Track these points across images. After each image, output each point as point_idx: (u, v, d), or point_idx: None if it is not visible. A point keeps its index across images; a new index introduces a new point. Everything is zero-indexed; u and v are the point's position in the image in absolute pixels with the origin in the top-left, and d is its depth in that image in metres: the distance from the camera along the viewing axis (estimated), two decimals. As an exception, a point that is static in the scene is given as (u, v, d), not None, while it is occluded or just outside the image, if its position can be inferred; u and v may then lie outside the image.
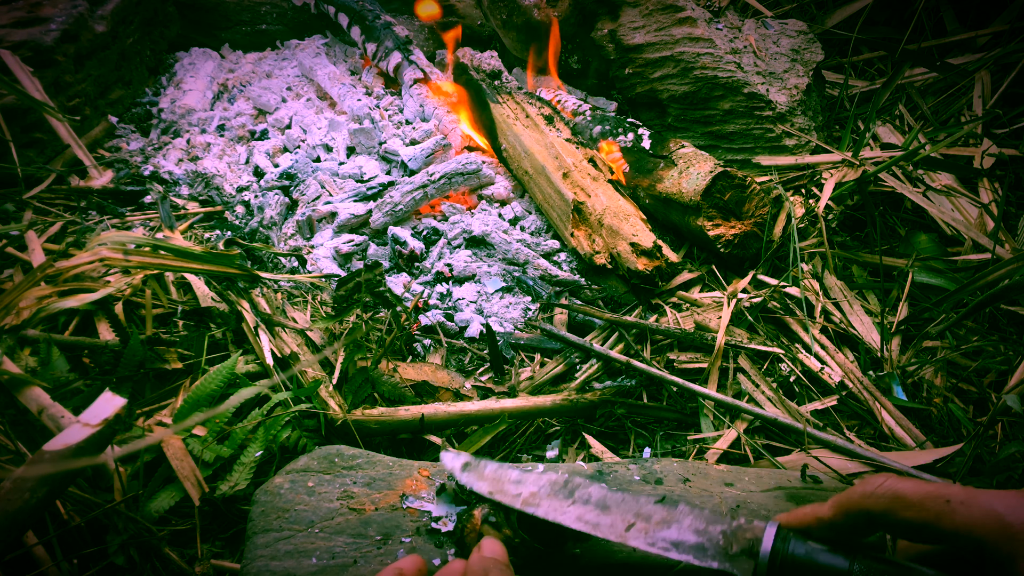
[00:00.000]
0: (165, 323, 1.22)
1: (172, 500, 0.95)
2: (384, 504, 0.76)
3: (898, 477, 0.57)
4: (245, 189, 1.72)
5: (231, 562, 0.93)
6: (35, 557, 0.85)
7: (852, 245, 1.58)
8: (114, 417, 0.79)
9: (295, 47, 2.32)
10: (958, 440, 1.13)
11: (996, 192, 1.68)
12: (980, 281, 1.36)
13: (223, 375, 1.08)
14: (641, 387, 1.23)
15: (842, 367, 1.26)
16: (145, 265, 1.23)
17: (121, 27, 1.96)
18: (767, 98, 1.77)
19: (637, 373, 1.23)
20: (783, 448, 1.12)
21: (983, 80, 2.00)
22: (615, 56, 1.96)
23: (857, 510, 0.58)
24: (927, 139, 1.88)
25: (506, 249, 1.53)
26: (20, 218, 1.48)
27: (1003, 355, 1.29)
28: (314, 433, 1.06)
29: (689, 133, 1.88)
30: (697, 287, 1.48)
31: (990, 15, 2.21)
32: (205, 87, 2.10)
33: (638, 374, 1.23)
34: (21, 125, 1.60)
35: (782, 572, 0.59)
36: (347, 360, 1.16)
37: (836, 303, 1.41)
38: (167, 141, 1.88)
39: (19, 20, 1.72)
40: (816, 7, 2.35)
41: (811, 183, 1.68)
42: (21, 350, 1.07)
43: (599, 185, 1.57)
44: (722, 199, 1.47)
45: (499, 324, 1.39)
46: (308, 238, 1.60)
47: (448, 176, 1.64)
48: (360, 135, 1.83)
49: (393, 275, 1.50)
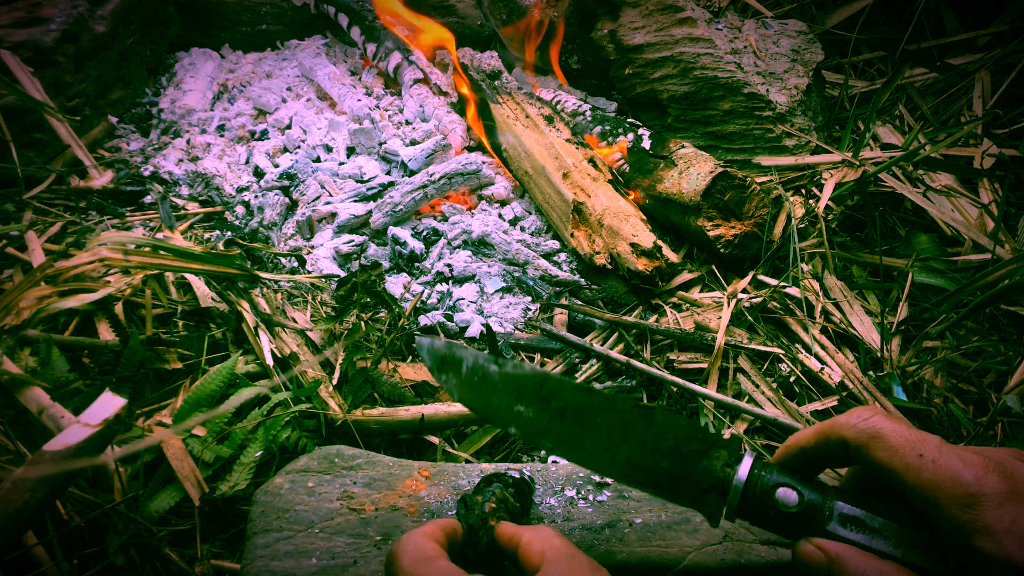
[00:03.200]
0: (165, 323, 1.22)
1: (172, 500, 0.95)
2: (384, 504, 0.76)
3: (886, 415, 0.56)
4: (245, 189, 1.72)
5: (231, 562, 0.93)
6: (35, 557, 0.85)
7: (852, 245, 1.58)
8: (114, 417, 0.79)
9: (295, 47, 2.32)
10: (958, 440, 1.13)
11: (996, 192, 1.68)
12: (980, 281, 1.36)
13: (223, 375, 1.08)
14: (641, 387, 1.23)
15: (842, 367, 1.26)
16: (145, 265, 1.23)
17: (121, 27, 1.96)
18: (767, 98, 1.77)
19: (637, 373, 1.23)
20: (783, 448, 1.12)
21: (983, 80, 2.00)
22: (615, 56, 1.96)
23: (837, 438, 0.57)
24: (927, 139, 1.88)
25: (506, 249, 1.53)
26: (20, 218, 1.48)
27: (1003, 355, 1.29)
28: (314, 433, 1.06)
29: (689, 133, 1.88)
30: (697, 287, 1.48)
31: (990, 15, 2.21)
32: (205, 87, 2.10)
33: (638, 374, 1.23)
34: (21, 125, 1.60)
35: (754, 505, 0.58)
36: (347, 360, 1.16)
37: (836, 303, 1.41)
38: (167, 141, 1.88)
39: (19, 20, 1.72)
40: (816, 7, 2.35)
41: (811, 183, 1.68)
42: (21, 350, 1.07)
43: (599, 185, 1.57)
44: (722, 199, 1.47)
45: (499, 324, 1.39)
46: (308, 238, 1.60)
47: (448, 176, 1.64)
48: (360, 135, 1.83)
49: (393, 275, 1.50)
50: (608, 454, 0.61)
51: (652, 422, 0.60)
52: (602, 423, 0.61)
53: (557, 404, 0.61)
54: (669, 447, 0.59)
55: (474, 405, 0.63)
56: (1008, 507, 0.48)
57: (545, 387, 0.62)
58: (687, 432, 0.60)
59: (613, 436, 0.60)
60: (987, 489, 0.49)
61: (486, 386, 0.63)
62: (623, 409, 0.60)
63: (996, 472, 0.50)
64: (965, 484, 0.49)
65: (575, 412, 0.61)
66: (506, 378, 0.63)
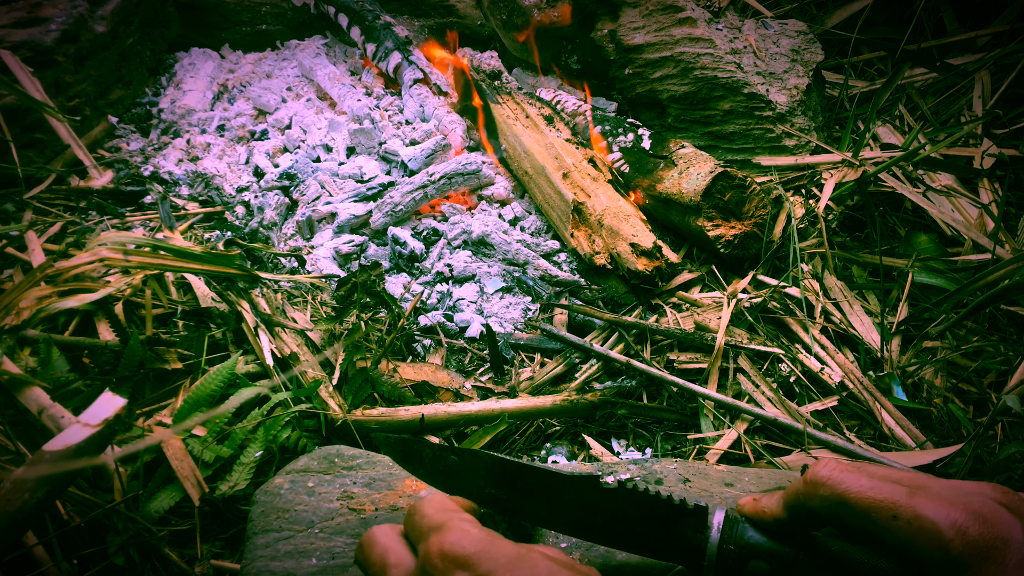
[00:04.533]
0: (165, 323, 1.22)
1: (172, 500, 0.95)
2: (384, 504, 0.76)
3: (846, 469, 0.54)
4: (245, 189, 1.72)
5: (231, 562, 0.93)
6: (35, 557, 0.85)
7: (852, 245, 1.58)
8: (114, 417, 0.79)
9: (295, 47, 2.32)
10: (958, 440, 1.13)
11: (996, 192, 1.68)
12: (980, 281, 1.36)
13: (223, 375, 1.08)
14: (641, 387, 1.23)
15: (842, 367, 1.26)
16: (145, 265, 1.23)
17: (121, 27, 1.96)
18: (767, 98, 1.77)
19: (637, 373, 1.23)
20: (783, 448, 1.12)
21: (983, 80, 2.00)
22: (615, 56, 1.96)
23: (805, 511, 0.56)
24: (927, 139, 1.88)
25: (506, 249, 1.53)
26: (20, 218, 1.48)
27: (1003, 355, 1.29)
28: (314, 433, 1.06)
29: (689, 133, 1.88)
30: (697, 287, 1.48)
31: (990, 15, 2.21)
32: (205, 87, 2.10)
33: (638, 374, 1.23)
34: (21, 125, 1.60)
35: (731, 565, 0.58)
36: (347, 360, 1.16)
37: (836, 303, 1.41)
38: (167, 141, 1.88)
39: (19, 20, 1.72)
40: (816, 7, 2.35)
41: (811, 183, 1.68)
42: (21, 350, 1.07)
43: (599, 185, 1.57)
44: (722, 199, 1.47)
45: (499, 324, 1.39)
46: (308, 238, 1.60)
47: (448, 176, 1.64)
48: (360, 135, 1.83)
49: (393, 275, 1.50)
50: (583, 527, 0.63)
51: (616, 497, 0.62)
52: (570, 500, 0.63)
53: (522, 485, 0.64)
54: (639, 518, 0.61)
55: (448, 489, 0.66)
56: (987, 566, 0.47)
57: (506, 472, 0.64)
58: (651, 503, 0.61)
59: (585, 511, 0.63)
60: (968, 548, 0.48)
61: (452, 474, 0.65)
62: (585, 488, 0.63)
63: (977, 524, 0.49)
64: (946, 545, 0.48)
65: (541, 492, 0.64)
66: (467, 465, 0.65)
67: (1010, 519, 0.49)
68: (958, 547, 0.48)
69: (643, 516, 0.61)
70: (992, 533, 0.48)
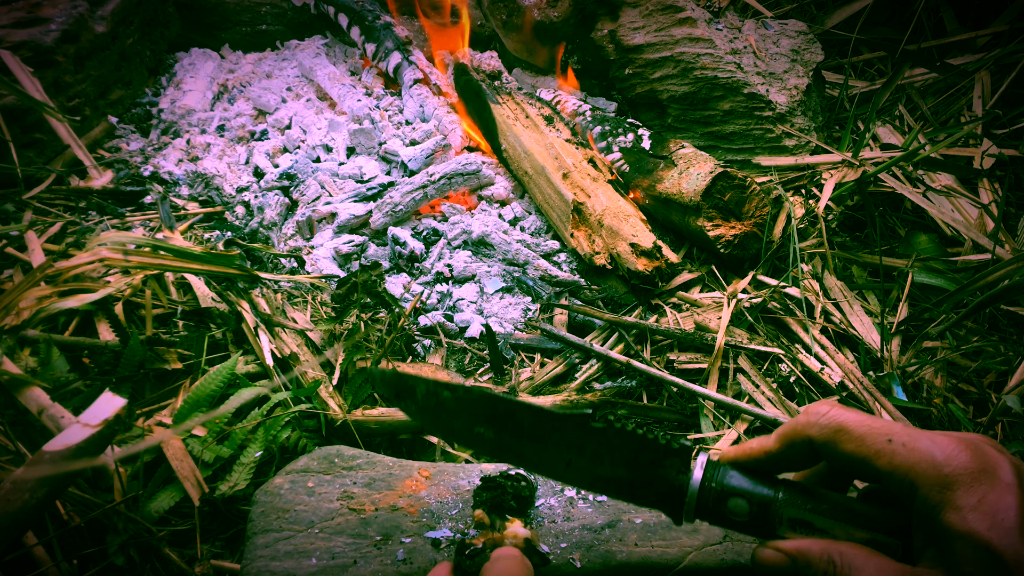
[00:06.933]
0: (165, 323, 1.22)
1: (172, 500, 0.95)
2: (384, 504, 0.76)
3: (844, 407, 0.57)
4: (245, 189, 1.72)
5: (231, 562, 0.93)
6: (35, 557, 0.85)
7: (852, 245, 1.58)
8: (114, 418, 0.79)
9: (295, 47, 2.32)
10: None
11: (996, 192, 1.68)
12: (980, 281, 1.36)
13: (223, 375, 1.08)
14: (641, 387, 1.23)
15: (842, 367, 1.26)
16: (145, 265, 1.23)
17: (121, 27, 1.96)
18: (767, 98, 1.77)
19: (637, 373, 1.23)
20: (783, 448, 1.12)
21: (983, 80, 2.00)
22: (615, 56, 1.96)
23: (801, 438, 0.58)
24: (927, 139, 1.88)
25: (506, 250, 1.53)
26: (20, 218, 1.48)
27: (1003, 355, 1.29)
28: (314, 433, 1.06)
29: (689, 133, 1.88)
30: (697, 287, 1.48)
31: (990, 15, 2.21)
32: (205, 87, 2.10)
33: (638, 374, 1.23)
34: (21, 125, 1.60)
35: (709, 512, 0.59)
36: (347, 360, 1.16)
37: (836, 303, 1.41)
38: (167, 141, 1.88)
39: (19, 20, 1.72)
40: (816, 7, 2.35)
41: (811, 183, 1.68)
42: (21, 350, 1.07)
43: (599, 185, 1.57)
44: (722, 199, 1.47)
45: (499, 324, 1.39)
46: (308, 239, 1.60)
47: (448, 176, 1.64)
48: (360, 135, 1.84)
49: (393, 275, 1.50)
50: (568, 468, 0.64)
51: (604, 437, 0.62)
52: (558, 440, 0.63)
53: (513, 424, 0.64)
54: (624, 459, 0.62)
55: (436, 429, 0.66)
56: (977, 485, 0.49)
57: (499, 409, 0.64)
58: (639, 444, 0.62)
59: (571, 451, 0.63)
60: (959, 469, 0.50)
61: (443, 411, 0.65)
62: (576, 427, 0.63)
63: (967, 451, 0.51)
64: (939, 465, 0.50)
65: (531, 431, 0.64)
66: (460, 402, 0.65)
67: (997, 453, 0.52)
68: (950, 467, 0.50)
69: (629, 457, 0.62)
70: (982, 458, 0.51)
